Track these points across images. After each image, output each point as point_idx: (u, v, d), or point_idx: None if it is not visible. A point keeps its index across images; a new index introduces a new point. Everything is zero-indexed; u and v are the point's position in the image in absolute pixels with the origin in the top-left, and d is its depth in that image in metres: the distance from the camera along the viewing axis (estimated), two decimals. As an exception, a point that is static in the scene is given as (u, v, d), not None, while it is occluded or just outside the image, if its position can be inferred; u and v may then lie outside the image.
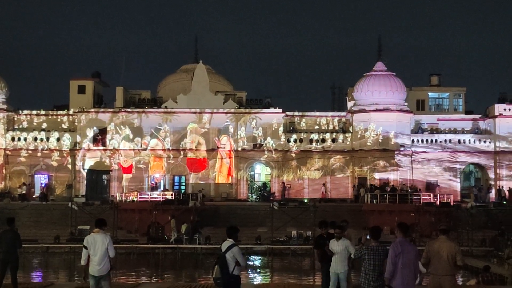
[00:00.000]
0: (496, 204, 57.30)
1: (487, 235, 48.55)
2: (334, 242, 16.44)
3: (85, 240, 14.83)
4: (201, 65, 65.86)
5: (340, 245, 16.31)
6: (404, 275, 12.61)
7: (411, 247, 12.88)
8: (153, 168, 63.53)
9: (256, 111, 63.97)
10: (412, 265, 12.71)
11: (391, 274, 12.65)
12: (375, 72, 63.88)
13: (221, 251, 13.89)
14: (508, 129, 63.02)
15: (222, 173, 63.28)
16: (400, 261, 12.61)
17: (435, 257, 13.07)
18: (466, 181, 65.58)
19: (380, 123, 61.76)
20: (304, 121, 65.27)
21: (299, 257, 46.66)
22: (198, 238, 47.52)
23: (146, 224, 52.09)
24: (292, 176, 63.19)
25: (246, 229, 47.78)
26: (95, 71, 69.14)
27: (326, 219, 19.52)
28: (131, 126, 63.57)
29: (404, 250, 12.68)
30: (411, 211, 51.22)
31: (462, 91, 67.85)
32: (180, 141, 63.40)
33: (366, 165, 62.01)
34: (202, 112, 63.49)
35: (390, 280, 12.67)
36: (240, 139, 63.39)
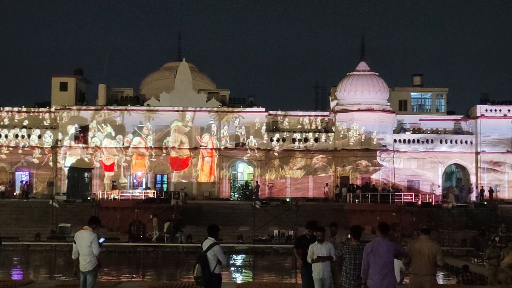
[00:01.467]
0: (477, 204, 57.62)
1: (467, 235, 48.79)
2: (316, 245, 15.29)
3: (75, 235, 15.06)
4: (184, 63, 65.74)
5: (324, 248, 15.20)
6: (375, 273, 12.65)
7: (386, 246, 12.81)
8: (136, 166, 63.33)
9: (239, 110, 63.95)
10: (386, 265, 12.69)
11: (364, 273, 12.77)
12: (358, 72, 64.04)
13: (202, 250, 13.87)
14: (490, 130, 63.38)
15: (205, 172, 63.21)
16: (371, 260, 12.68)
17: (416, 257, 13.11)
18: (448, 181, 65.91)
19: (362, 123, 61.93)
20: (287, 121, 65.33)
21: (281, 256, 46.66)
22: (179, 237, 47.38)
23: (127, 222, 51.92)
24: (274, 175, 63.22)
25: (228, 228, 47.78)
26: (78, 68, 68.81)
27: (310, 219, 18.82)
28: (113, 124, 63.34)
29: (375, 249, 12.73)
30: (393, 210, 51.40)
31: (444, 91, 68.18)
32: (163, 139, 63.26)
33: (349, 165, 62.16)
34: (185, 110, 63.37)
35: (366, 279, 12.75)
36: (223, 137, 63.35)
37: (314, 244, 15.27)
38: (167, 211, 51.98)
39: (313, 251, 15.17)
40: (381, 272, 12.67)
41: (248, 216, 52.66)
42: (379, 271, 12.67)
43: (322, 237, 15.31)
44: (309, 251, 15.30)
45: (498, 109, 64.11)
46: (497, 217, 51.46)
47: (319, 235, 15.30)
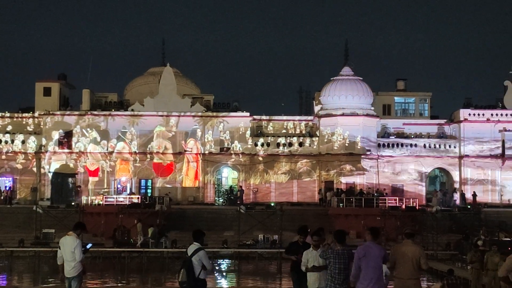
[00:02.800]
0: (460, 208, 57.88)
1: (451, 239, 49.01)
2: (311, 252, 14.38)
3: (60, 241, 15.07)
4: (168, 68, 65.66)
5: (319, 256, 14.15)
6: (367, 278, 12.70)
7: (377, 249, 12.94)
8: (120, 171, 63.16)
9: (224, 114, 63.95)
10: (377, 269, 12.79)
11: (355, 277, 12.79)
12: (342, 76, 64.24)
13: (187, 255, 13.87)
14: (473, 134, 63.71)
15: (189, 177, 63.13)
16: (363, 264, 12.72)
17: (400, 261, 13.17)
18: (432, 185, 66.19)
19: (346, 127, 62.11)
20: (271, 125, 65.42)
21: (265, 260, 46.69)
22: (164, 242, 47.28)
23: (112, 227, 51.69)
24: (259, 180, 63.24)
25: (212, 233, 47.73)
26: (61, 73, 68.54)
27: (296, 224, 18.45)
28: (98, 129, 63.16)
29: (368, 253, 12.79)
30: (377, 215, 51.55)
31: (428, 96, 68.49)
32: (147, 144, 63.15)
33: (333, 169, 62.30)
34: (169, 115, 63.29)
35: (355, 283, 12.77)
36: (207, 142, 63.31)
37: (309, 251, 14.47)
38: (152, 216, 51.87)
39: (308, 259, 14.33)
40: (373, 276, 12.74)
41: (232, 221, 52.62)
42: (371, 275, 12.73)
43: (318, 243, 14.44)
44: (303, 258, 14.44)
45: (481, 114, 64.46)
46: (481, 221, 51.74)
47: (315, 241, 14.46)
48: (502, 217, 54.24)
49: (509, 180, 63.43)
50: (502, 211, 57.48)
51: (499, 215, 55.41)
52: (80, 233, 15.01)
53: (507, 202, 61.87)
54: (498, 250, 23.64)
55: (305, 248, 14.78)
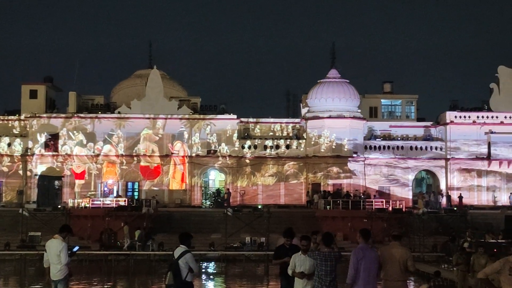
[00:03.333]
0: (447, 210, 58.08)
1: (438, 240, 49.15)
2: (299, 256, 13.81)
3: (46, 244, 15.09)
4: (155, 71, 65.56)
5: (307, 260, 13.69)
6: (365, 280, 12.71)
7: (372, 252, 13.00)
8: (106, 174, 62.98)
9: (211, 117, 63.90)
10: (373, 270, 12.84)
11: (353, 279, 12.75)
12: (329, 79, 64.36)
13: (174, 258, 13.85)
14: (459, 136, 63.97)
15: (176, 179, 63.03)
16: (362, 266, 12.72)
17: (387, 263, 13.19)
18: (418, 187, 66.37)
19: (333, 129, 62.21)
20: (258, 128, 65.43)
21: (253, 263, 46.66)
22: (151, 245, 47.20)
23: (98, 230, 51.56)
24: (246, 182, 63.23)
25: (199, 236, 47.63)
26: (48, 76, 68.29)
27: (283, 226, 18.28)
28: (84, 132, 62.99)
29: (366, 255, 12.80)
30: (364, 217, 51.63)
31: (414, 98, 68.68)
32: (134, 147, 63.01)
33: (320, 172, 62.38)
34: (156, 118, 63.20)
35: (352, 286, 12.76)
36: (194, 145, 63.25)
37: (297, 255, 13.91)
38: (139, 219, 51.77)
39: (295, 263, 13.79)
40: (370, 279, 12.76)
41: (219, 223, 52.58)
42: (369, 277, 12.74)
43: (307, 247, 13.85)
44: (291, 261, 13.91)
45: (467, 116, 64.74)
46: (467, 223, 51.93)
47: (303, 245, 13.84)
48: (488, 219, 54.45)
49: (495, 182, 63.69)
50: (488, 212, 57.69)
51: (485, 217, 55.62)
52: (66, 236, 14.97)
53: (493, 204, 62.04)
54: (485, 252, 23.73)
55: (292, 251, 14.37)
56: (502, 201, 62.60)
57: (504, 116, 64.42)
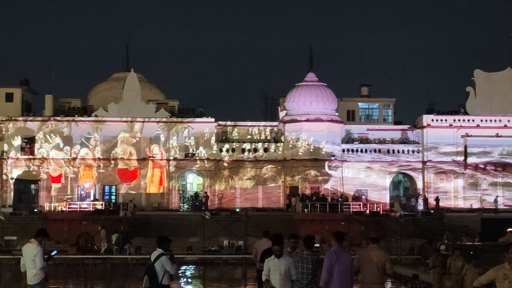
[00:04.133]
0: (424, 213, 58.38)
1: (415, 243, 49.34)
2: (273, 260, 13.39)
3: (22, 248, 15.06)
4: (132, 74, 65.36)
5: (282, 264, 13.23)
6: (339, 283, 12.68)
7: (346, 255, 12.99)
8: (83, 177, 62.64)
9: (188, 120, 63.81)
10: (347, 273, 12.82)
11: (326, 283, 12.71)
12: (307, 82, 64.53)
13: (150, 261, 13.83)
14: (436, 139, 64.38)
15: (154, 183, 62.83)
16: (335, 269, 12.70)
17: (365, 266, 13.21)
18: (395, 190, 66.68)
19: (311, 133, 62.36)
20: (236, 131, 65.41)
21: (230, 266, 46.59)
22: (128, 249, 46.94)
23: (75, 234, 51.24)
24: (224, 186, 63.18)
25: (177, 239, 47.39)
26: (24, 79, 67.78)
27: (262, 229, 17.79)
28: (61, 135, 62.64)
29: (339, 258, 12.77)
30: (341, 220, 51.76)
31: (391, 102, 69.01)
32: (111, 150, 62.76)
33: (298, 175, 62.48)
34: (133, 121, 62.99)
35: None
36: (172, 148, 63.11)
37: (270, 259, 13.46)
38: (116, 222, 51.50)
39: (269, 268, 13.42)
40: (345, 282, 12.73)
41: (197, 227, 52.45)
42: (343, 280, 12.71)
43: (280, 252, 13.41)
44: (264, 266, 13.55)
45: (444, 119, 65.19)
46: (444, 226, 52.20)
47: (276, 250, 13.41)
48: (465, 222, 54.76)
49: (471, 185, 64.16)
50: (465, 215, 58.07)
51: (462, 219, 55.95)
52: (42, 240, 14.87)
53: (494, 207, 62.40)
54: (461, 255, 23.85)
55: None
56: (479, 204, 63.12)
57: (480, 120, 64.94)
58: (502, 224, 43.94)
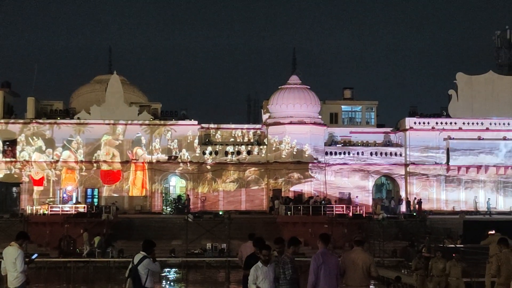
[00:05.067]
0: (406, 216, 58.58)
1: (398, 246, 49.56)
2: (261, 268, 12.81)
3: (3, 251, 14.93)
4: (115, 76, 65.12)
5: (270, 271, 12.79)
6: (327, 285, 12.65)
7: (333, 257, 12.96)
8: (65, 180, 62.30)
9: (171, 123, 63.65)
10: (334, 275, 12.79)
11: (313, 285, 12.67)
12: (290, 85, 64.57)
13: (133, 264, 13.77)
14: (418, 142, 64.58)
15: (136, 186, 62.58)
16: (322, 272, 12.65)
17: (350, 268, 13.19)
18: (378, 192, 66.83)
19: (294, 135, 62.39)
20: (219, 133, 65.30)
21: (213, 269, 46.54)
22: (111, 252, 46.80)
23: (57, 237, 51.00)
24: (207, 188, 63.06)
25: (160, 242, 47.19)
26: (5, 81, 67.29)
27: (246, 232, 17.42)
28: (43, 138, 62.28)
29: (326, 260, 12.73)
30: (325, 222, 51.84)
31: (374, 104, 69.19)
32: (93, 153, 62.46)
33: (281, 177, 62.48)
34: (116, 123, 62.74)
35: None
36: (155, 151, 62.92)
37: (258, 266, 12.90)
38: (98, 225, 51.34)
39: (257, 275, 12.80)
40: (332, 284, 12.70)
41: (180, 229, 52.34)
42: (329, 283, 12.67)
43: (269, 258, 12.85)
44: (251, 274, 12.93)
45: (426, 122, 65.41)
46: (426, 228, 52.42)
47: (264, 255, 12.86)
48: (447, 224, 55.01)
49: (453, 188, 64.42)
50: (447, 218, 58.30)
51: (444, 222, 56.18)
52: (22, 243, 14.77)
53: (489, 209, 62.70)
54: (443, 257, 23.96)
55: None
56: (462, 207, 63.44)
57: (463, 122, 65.24)
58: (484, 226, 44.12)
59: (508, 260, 14.83)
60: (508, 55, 72.38)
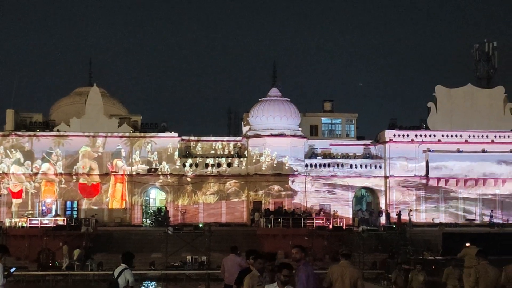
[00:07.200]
0: (386, 228, 58.76)
1: (378, 258, 49.69)
2: None
3: None
4: (95, 88, 64.94)
5: None
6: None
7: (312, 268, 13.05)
8: (45, 193, 61.92)
9: (152, 135, 63.52)
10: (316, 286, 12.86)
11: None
12: (270, 97, 64.72)
13: (114, 277, 13.78)
14: (398, 154, 64.89)
15: (116, 198, 62.33)
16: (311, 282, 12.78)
17: (337, 281, 13.22)
18: (358, 205, 66.99)
19: (274, 148, 62.48)
20: (199, 146, 65.23)
21: (193, 282, 46.39)
22: (90, 264, 46.54)
23: (36, 250, 50.66)
24: (187, 201, 62.93)
25: (140, 255, 47.08)
26: (-16, 93, 67.04)
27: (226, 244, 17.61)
28: (22, 150, 61.91)
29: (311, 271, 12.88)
30: (305, 235, 51.88)
31: (354, 117, 69.43)
32: (73, 165, 62.16)
33: (261, 190, 62.51)
34: (96, 136, 62.52)
35: None
36: (135, 163, 62.73)
37: (271, 286, 11.37)
38: (78, 238, 51.07)
39: None
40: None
41: (160, 242, 52.12)
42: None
43: (288, 278, 11.08)
44: None
45: (406, 134, 65.74)
46: (406, 240, 52.62)
47: (285, 275, 11.07)
48: (427, 236, 55.26)
49: (433, 199, 64.75)
50: (427, 230, 58.56)
51: (424, 234, 56.43)
52: (1, 257, 14.62)
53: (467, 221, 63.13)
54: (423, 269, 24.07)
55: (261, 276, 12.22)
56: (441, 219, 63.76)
57: (442, 135, 65.64)
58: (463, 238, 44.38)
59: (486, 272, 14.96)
60: (486, 68, 73.00)
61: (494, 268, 15.00)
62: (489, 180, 64.78)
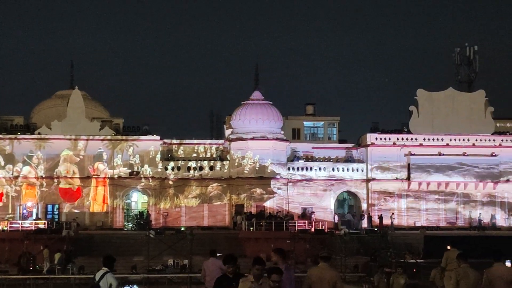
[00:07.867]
0: (368, 231, 58.92)
1: (359, 261, 49.71)
2: None
3: None
4: (76, 91, 64.69)
5: None
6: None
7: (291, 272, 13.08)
8: (25, 196, 61.56)
9: (133, 138, 63.33)
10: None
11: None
12: (252, 101, 64.76)
13: (95, 281, 13.72)
14: (379, 158, 65.12)
15: (97, 201, 62.09)
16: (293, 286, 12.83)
17: (316, 284, 13.22)
18: (340, 208, 67.12)
19: (257, 151, 62.52)
20: (182, 149, 65.13)
21: (175, 285, 46.21)
22: (71, 268, 46.21)
23: (17, 254, 50.29)
24: (169, 204, 62.78)
25: (121, 258, 46.90)
26: (-35, 96, 66.60)
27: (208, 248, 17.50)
28: (2, 153, 61.54)
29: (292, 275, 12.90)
30: (287, 238, 51.87)
31: (336, 120, 69.59)
32: (54, 169, 61.86)
33: (243, 193, 62.49)
34: (77, 139, 62.25)
35: None
36: (117, 166, 62.51)
37: None
38: (59, 242, 50.73)
39: None
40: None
41: (142, 245, 51.90)
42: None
43: (278, 284, 10.72)
44: None
45: (387, 138, 65.99)
46: (388, 243, 52.76)
47: (274, 281, 10.66)
48: (408, 239, 55.45)
49: (414, 203, 65.00)
50: (408, 233, 58.78)
51: (405, 237, 56.62)
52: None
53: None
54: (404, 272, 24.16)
55: (238, 281, 11.58)
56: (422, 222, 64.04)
57: (423, 138, 65.95)
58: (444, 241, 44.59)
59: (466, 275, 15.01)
60: (467, 72, 73.48)
61: (475, 271, 15.05)
62: (470, 183, 65.12)
